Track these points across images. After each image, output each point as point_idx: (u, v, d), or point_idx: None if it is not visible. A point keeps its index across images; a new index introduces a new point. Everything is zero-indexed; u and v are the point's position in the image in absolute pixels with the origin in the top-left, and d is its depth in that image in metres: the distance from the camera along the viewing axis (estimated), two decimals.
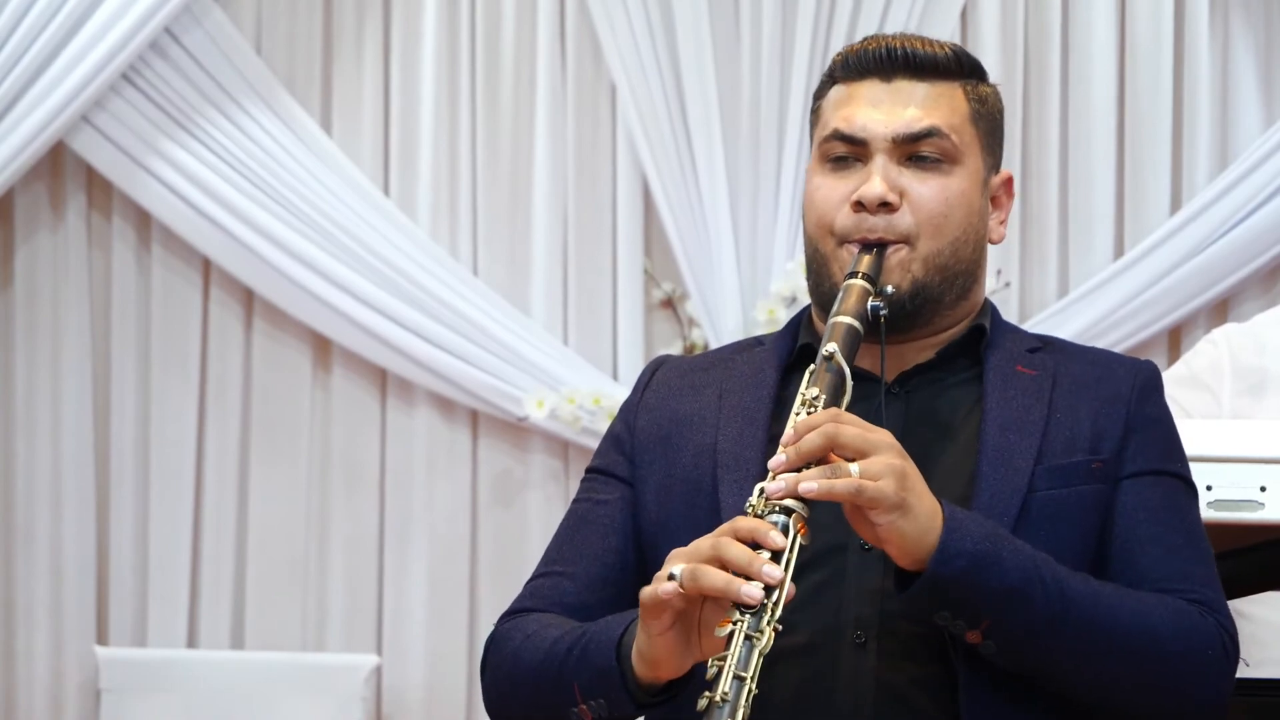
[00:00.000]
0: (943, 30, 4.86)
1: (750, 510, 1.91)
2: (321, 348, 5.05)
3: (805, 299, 4.94)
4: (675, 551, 1.91)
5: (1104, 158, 4.90)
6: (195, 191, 4.89)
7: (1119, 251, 4.90)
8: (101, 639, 5.01)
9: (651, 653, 1.92)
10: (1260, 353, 3.05)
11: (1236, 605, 3.04)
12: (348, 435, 5.03)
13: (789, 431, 1.94)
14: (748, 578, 1.85)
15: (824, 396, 1.97)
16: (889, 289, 2.08)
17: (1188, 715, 2.03)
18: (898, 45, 2.13)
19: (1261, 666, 3.03)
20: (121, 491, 5.01)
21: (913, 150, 2.10)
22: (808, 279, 2.19)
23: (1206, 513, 2.35)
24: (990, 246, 2.21)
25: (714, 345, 4.73)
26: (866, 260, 2.09)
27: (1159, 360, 4.86)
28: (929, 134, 2.10)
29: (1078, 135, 4.92)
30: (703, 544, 1.89)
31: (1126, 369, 2.17)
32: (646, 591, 1.90)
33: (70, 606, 4.99)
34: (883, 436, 1.94)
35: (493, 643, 2.16)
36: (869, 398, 2.09)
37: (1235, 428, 2.56)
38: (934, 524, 1.93)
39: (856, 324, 2.04)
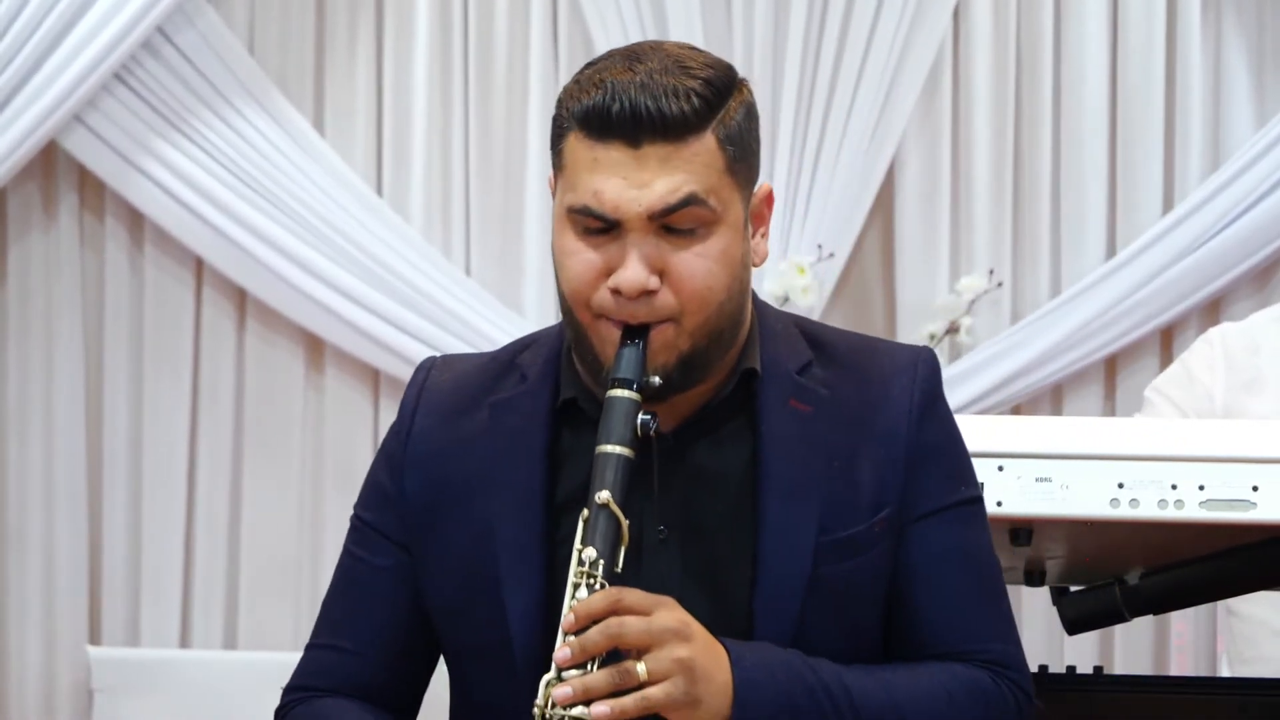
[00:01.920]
0: (934, 31, 4.86)
1: (538, 713, 1.88)
2: (314, 348, 5.04)
3: (798, 299, 4.90)
4: None
5: (1096, 157, 4.90)
6: (188, 191, 4.89)
7: (1111, 251, 4.91)
8: (94, 639, 5.00)
9: None
10: (1255, 352, 3.07)
11: (1229, 604, 3.06)
12: (340, 435, 5.03)
13: (568, 615, 1.89)
14: None
15: (602, 560, 1.91)
16: (656, 380, 1.97)
17: None
18: (643, 104, 1.93)
19: (1253, 665, 3.04)
20: (114, 491, 5.00)
21: (670, 222, 1.96)
22: (565, 330, 2.06)
23: (1198, 512, 2.35)
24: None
25: None
26: (628, 361, 1.96)
27: (1151, 361, 4.87)
28: (686, 203, 1.95)
29: (1069, 135, 4.92)
30: None
31: (903, 383, 2.06)
32: None
33: (62, 606, 4.98)
34: (667, 620, 1.90)
35: None
36: (645, 454, 2.00)
37: (1227, 427, 2.56)
38: (725, 701, 1.91)
39: (626, 452, 1.94)
